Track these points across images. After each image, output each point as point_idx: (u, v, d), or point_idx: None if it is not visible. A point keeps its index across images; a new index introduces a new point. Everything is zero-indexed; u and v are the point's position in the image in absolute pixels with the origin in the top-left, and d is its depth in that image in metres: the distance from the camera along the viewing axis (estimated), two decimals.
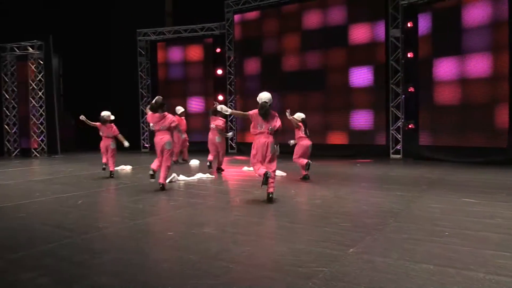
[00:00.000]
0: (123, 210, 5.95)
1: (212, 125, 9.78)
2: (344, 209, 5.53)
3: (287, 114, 8.19)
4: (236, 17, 15.62)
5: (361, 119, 13.29)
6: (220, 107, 6.28)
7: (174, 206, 5.98)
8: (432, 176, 8.65)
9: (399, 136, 12.70)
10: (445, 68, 11.33)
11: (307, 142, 8.40)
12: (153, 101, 7.36)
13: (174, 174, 8.30)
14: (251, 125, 6.16)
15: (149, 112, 7.38)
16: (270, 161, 6.06)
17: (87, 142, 18.63)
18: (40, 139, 15.98)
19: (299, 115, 8.48)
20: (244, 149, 15.07)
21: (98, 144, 9.40)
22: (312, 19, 14.04)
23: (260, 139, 6.04)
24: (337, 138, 13.76)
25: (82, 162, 13.30)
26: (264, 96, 6.13)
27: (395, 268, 3.28)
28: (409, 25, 12.42)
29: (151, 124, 7.40)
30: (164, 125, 7.21)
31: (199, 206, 6.05)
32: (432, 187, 7.22)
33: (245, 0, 15.23)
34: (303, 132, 8.41)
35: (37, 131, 15.95)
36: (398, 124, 12.67)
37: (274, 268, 3.35)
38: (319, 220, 4.93)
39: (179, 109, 12.31)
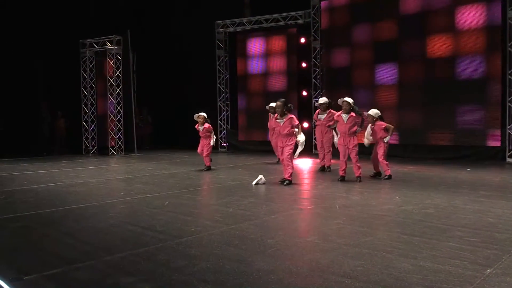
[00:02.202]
0: (213, 213, 6.01)
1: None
2: (465, 221, 5.12)
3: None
4: (323, 4, 15.33)
5: (469, 116, 12.41)
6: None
7: (266, 211, 5.92)
8: None
9: None
10: None
11: None
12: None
13: (261, 176, 8.29)
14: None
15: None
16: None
17: (161, 141, 19.43)
18: (117, 136, 16.85)
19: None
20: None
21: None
22: (410, 3, 13.38)
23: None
24: (439, 138, 13.00)
25: (160, 161, 13.82)
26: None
27: None
28: None
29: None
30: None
31: (294, 211, 5.96)
32: None
33: None
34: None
35: (114, 128, 16.83)
36: None
37: (399, 287, 3.13)
38: (439, 232, 4.59)
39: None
